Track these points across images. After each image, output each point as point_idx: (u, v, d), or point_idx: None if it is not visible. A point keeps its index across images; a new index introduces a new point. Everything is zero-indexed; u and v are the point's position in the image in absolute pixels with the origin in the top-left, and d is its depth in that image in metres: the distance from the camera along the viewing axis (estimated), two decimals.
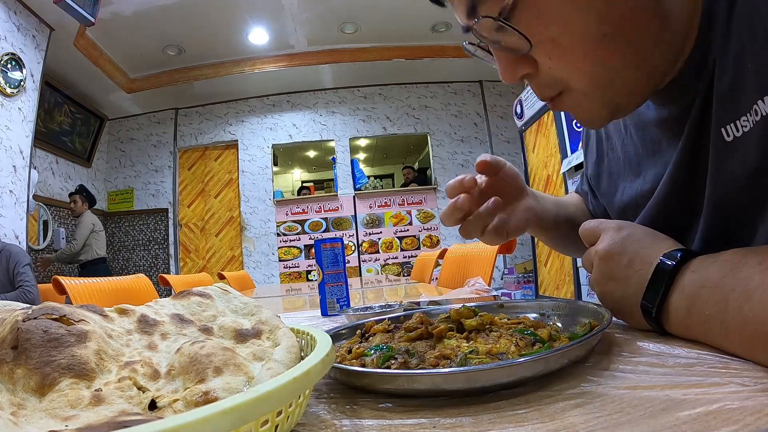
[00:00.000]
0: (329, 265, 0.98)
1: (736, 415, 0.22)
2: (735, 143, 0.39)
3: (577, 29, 0.38)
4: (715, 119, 0.41)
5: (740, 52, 0.37)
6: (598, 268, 0.44)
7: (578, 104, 0.44)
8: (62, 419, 0.22)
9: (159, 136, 5.48)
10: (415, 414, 0.29)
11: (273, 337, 0.35)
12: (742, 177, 0.40)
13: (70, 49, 3.90)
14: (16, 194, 3.27)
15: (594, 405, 0.26)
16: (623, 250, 0.42)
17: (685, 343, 0.37)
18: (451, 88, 5.52)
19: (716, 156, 0.41)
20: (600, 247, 0.44)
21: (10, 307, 0.32)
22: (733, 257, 0.35)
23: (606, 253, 0.43)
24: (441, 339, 0.41)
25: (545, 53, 0.40)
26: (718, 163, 0.42)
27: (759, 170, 0.38)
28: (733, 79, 0.38)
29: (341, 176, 5.36)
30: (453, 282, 1.79)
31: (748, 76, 0.37)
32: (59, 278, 1.36)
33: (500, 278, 4.89)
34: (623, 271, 0.41)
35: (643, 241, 0.42)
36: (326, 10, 4.11)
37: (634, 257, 0.41)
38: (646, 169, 0.55)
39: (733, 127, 0.39)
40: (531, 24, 0.38)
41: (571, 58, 0.40)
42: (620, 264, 0.42)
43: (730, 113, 0.39)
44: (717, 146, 0.41)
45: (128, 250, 5.37)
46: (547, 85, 0.43)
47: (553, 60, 0.40)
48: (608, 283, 0.43)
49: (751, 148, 0.38)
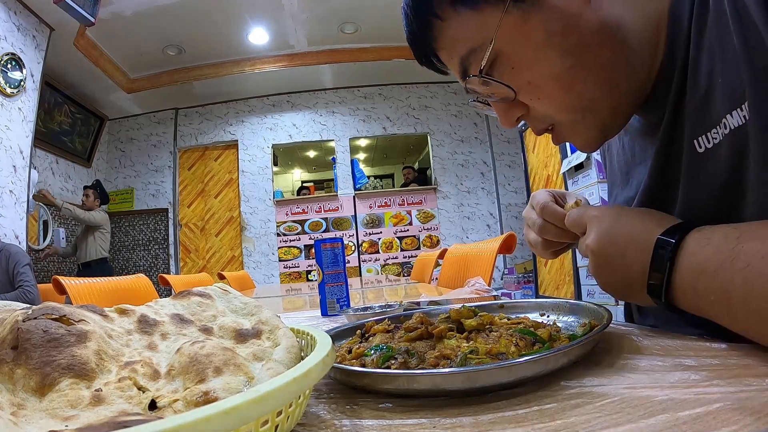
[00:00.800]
0: (329, 265, 0.98)
1: (736, 415, 0.22)
2: (706, 154, 0.41)
3: (545, 68, 0.43)
4: (688, 131, 0.43)
5: (711, 68, 0.39)
6: (592, 260, 0.44)
7: (571, 132, 0.49)
8: (62, 419, 0.22)
9: (159, 136, 5.48)
10: (415, 414, 0.29)
11: (273, 337, 0.35)
12: (713, 187, 0.42)
13: (70, 49, 3.90)
14: (16, 194, 3.27)
15: (594, 405, 0.26)
16: (613, 239, 0.42)
17: (685, 343, 0.37)
18: (451, 88, 5.52)
19: (688, 166, 0.44)
20: (589, 241, 0.44)
21: (10, 307, 0.32)
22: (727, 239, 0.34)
23: (597, 246, 0.43)
24: (441, 339, 0.41)
25: (527, 95, 0.46)
26: (689, 174, 0.44)
27: (728, 182, 0.40)
28: (705, 93, 0.40)
29: (341, 176, 5.35)
30: (453, 282, 1.79)
31: (718, 90, 0.39)
32: (59, 278, 1.36)
33: (500, 278, 4.89)
34: (619, 260, 0.41)
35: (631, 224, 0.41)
36: (326, 10, 4.11)
37: (627, 245, 0.41)
38: (632, 176, 0.57)
39: (704, 138, 0.41)
40: (508, 74, 0.45)
41: (549, 94, 0.45)
42: (615, 254, 0.42)
43: (701, 126, 0.41)
44: (689, 157, 0.43)
45: (128, 250, 5.37)
46: (539, 121, 0.49)
47: (534, 100, 0.46)
48: (606, 272, 0.43)
49: (720, 160, 0.40)
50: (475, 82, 0.47)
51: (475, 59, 0.45)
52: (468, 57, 0.46)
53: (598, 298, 3.17)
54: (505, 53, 0.44)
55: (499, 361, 0.34)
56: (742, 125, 0.37)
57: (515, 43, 0.43)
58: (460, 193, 5.35)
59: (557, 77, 0.43)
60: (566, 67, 0.43)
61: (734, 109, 0.37)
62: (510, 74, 0.45)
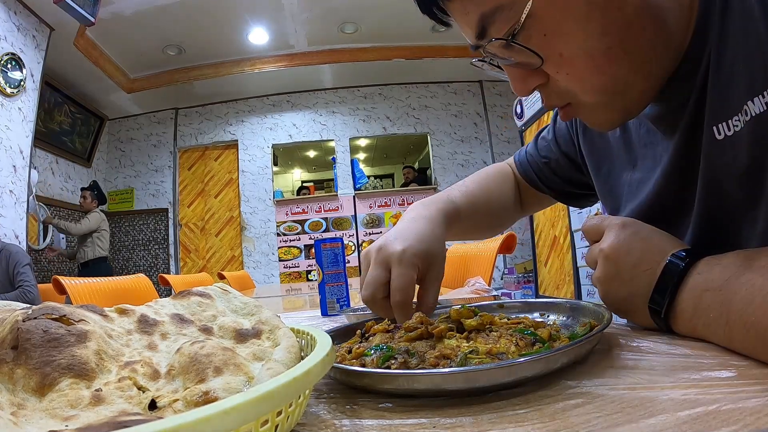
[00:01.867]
0: (329, 265, 0.98)
1: (736, 415, 0.22)
2: (725, 142, 0.40)
3: (581, 43, 0.39)
4: (707, 117, 0.41)
5: (734, 54, 0.38)
6: (603, 266, 0.43)
7: (590, 112, 0.45)
8: (62, 419, 0.22)
9: (159, 136, 5.48)
10: (415, 414, 0.29)
11: (273, 337, 0.35)
12: (732, 176, 0.41)
13: (70, 49, 3.90)
14: (16, 194, 3.27)
15: (594, 405, 0.26)
16: (630, 249, 0.41)
17: (685, 342, 0.37)
18: (451, 88, 5.52)
19: (707, 153, 0.42)
20: (605, 246, 0.43)
21: (10, 307, 0.32)
22: (736, 260, 0.35)
23: (612, 251, 0.42)
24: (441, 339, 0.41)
25: (555, 67, 0.42)
26: (708, 161, 0.43)
27: (748, 170, 0.39)
28: (727, 79, 0.39)
29: (341, 176, 5.35)
30: (453, 282, 1.79)
31: (740, 77, 0.38)
32: (59, 278, 1.36)
33: (500, 278, 4.89)
34: (630, 271, 0.41)
35: (650, 240, 0.41)
36: (326, 10, 4.11)
37: (641, 257, 0.40)
38: (639, 158, 0.55)
39: (724, 125, 0.40)
40: (538, 40, 0.40)
41: (580, 71, 0.41)
42: (627, 263, 0.41)
43: (721, 112, 0.40)
44: (708, 144, 0.42)
45: (128, 250, 5.37)
46: (557, 96, 0.45)
47: (561, 74, 0.42)
48: (613, 282, 0.43)
49: (741, 148, 0.39)
50: (496, 44, 0.42)
51: (500, 18, 0.40)
52: (492, 15, 0.40)
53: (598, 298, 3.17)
54: (539, 17, 0.39)
55: (499, 361, 0.34)
56: (763, 112, 0.36)
57: (553, 8, 0.39)
58: None
59: (592, 55, 0.40)
60: (604, 46, 0.39)
61: (756, 95, 0.36)
62: (540, 41, 0.40)
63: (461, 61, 4.92)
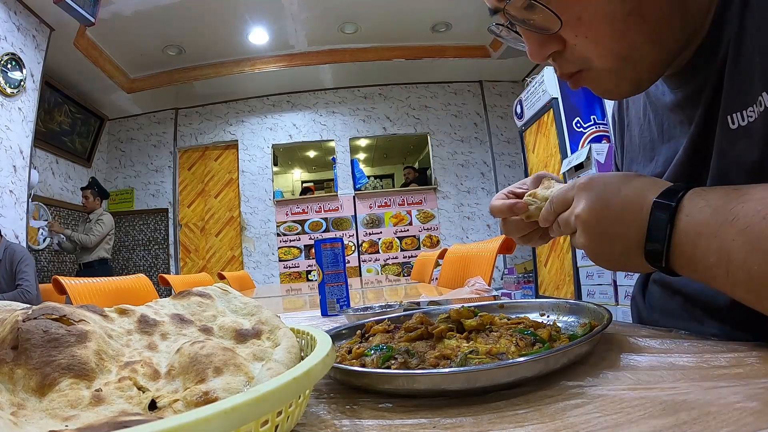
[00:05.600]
0: (329, 265, 0.98)
1: (736, 415, 0.22)
2: (739, 132, 0.40)
3: (601, 7, 0.40)
4: (723, 106, 0.41)
5: (751, 46, 0.38)
6: (585, 231, 0.42)
7: (601, 79, 0.46)
8: (62, 419, 0.22)
9: (159, 136, 5.48)
10: (415, 414, 0.29)
11: (273, 337, 0.35)
12: (742, 168, 0.41)
13: (70, 49, 3.89)
14: (16, 194, 3.27)
15: (594, 405, 0.26)
16: (606, 204, 0.40)
17: (686, 343, 0.37)
18: (451, 88, 5.52)
19: (720, 142, 0.42)
20: (579, 210, 0.41)
21: (10, 307, 0.32)
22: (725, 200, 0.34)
23: (589, 215, 0.41)
24: (441, 339, 0.41)
25: (573, 31, 0.42)
26: (720, 151, 0.43)
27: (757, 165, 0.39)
28: (744, 70, 0.39)
29: (341, 176, 5.35)
30: (453, 282, 1.79)
31: (756, 68, 0.38)
32: (59, 278, 1.36)
33: (500, 278, 4.89)
34: (615, 227, 0.39)
35: (623, 191, 0.40)
36: (326, 10, 4.11)
37: (621, 212, 0.39)
38: (658, 153, 0.55)
39: (738, 116, 0.40)
40: (560, 2, 0.40)
41: (598, 35, 0.41)
42: (609, 220, 0.40)
43: (737, 102, 0.40)
44: (722, 133, 0.42)
45: (128, 250, 5.37)
46: (571, 62, 0.45)
47: (579, 37, 0.42)
48: (602, 243, 0.41)
49: (753, 139, 0.39)
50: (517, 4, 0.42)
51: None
52: None
53: (598, 298, 3.18)
54: None
55: (499, 361, 0.34)
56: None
57: None
58: (460, 193, 5.35)
59: (612, 20, 0.40)
60: (624, 11, 0.40)
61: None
62: (559, 3, 0.40)
63: (461, 61, 4.91)
